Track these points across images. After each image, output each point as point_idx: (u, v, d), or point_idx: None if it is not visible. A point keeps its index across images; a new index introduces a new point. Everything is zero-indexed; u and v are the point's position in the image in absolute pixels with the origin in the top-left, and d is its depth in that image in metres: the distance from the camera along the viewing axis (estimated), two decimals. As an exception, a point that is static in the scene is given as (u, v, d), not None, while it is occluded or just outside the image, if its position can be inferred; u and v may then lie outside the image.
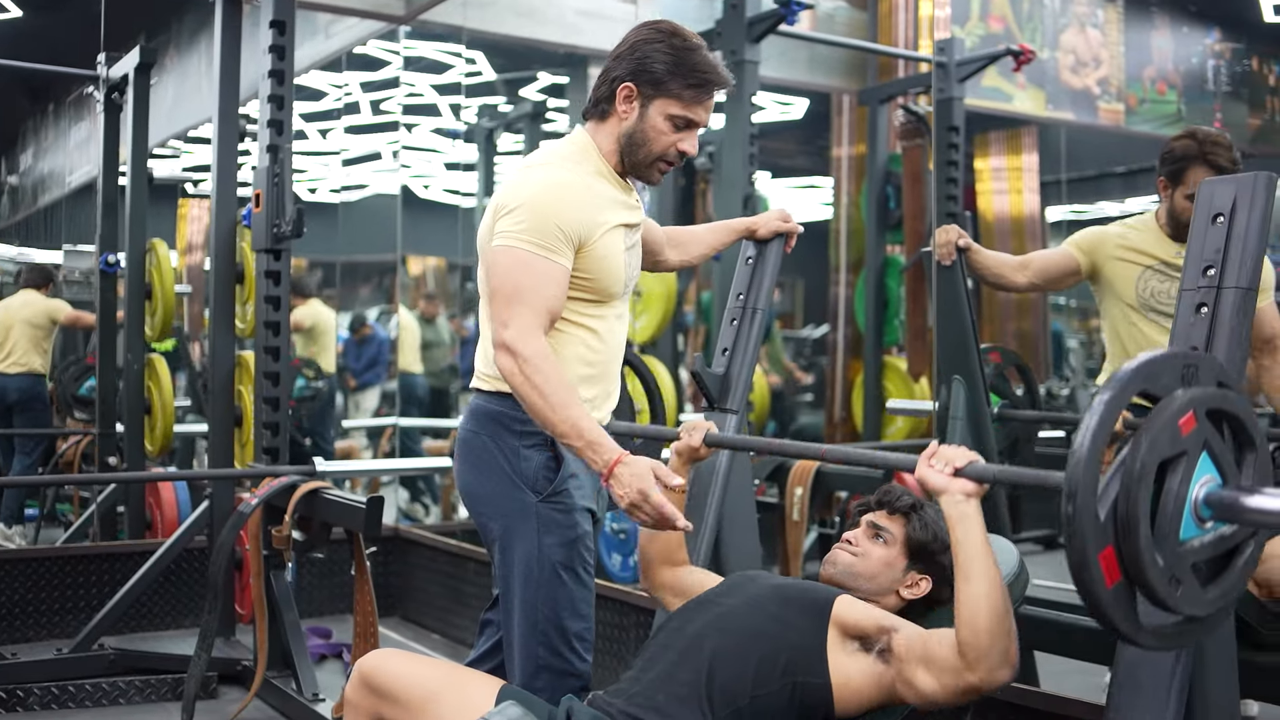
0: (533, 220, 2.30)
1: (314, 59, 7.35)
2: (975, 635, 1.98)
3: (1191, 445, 1.72)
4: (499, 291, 2.30)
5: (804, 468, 5.01)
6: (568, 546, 2.40)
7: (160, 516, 5.25)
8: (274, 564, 4.03)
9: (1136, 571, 1.67)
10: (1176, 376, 1.78)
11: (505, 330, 2.26)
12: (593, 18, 7.06)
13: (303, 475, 4.02)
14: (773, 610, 2.25)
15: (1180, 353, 1.82)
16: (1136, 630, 1.72)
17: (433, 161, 8.24)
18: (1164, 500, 1.69)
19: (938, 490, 2.03)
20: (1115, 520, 1.67)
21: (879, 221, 6.86)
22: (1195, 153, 3.28)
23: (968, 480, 2.01)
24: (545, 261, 2.30)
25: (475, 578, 4.98)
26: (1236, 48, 7.50)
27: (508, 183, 2.43)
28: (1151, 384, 1.75)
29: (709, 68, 2.40)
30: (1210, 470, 1.75)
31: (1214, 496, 1.73)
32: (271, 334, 4.22)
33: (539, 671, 2.39)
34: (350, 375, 8.37)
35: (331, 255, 8.13)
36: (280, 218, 4.13)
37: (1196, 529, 1.73)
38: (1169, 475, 1.70)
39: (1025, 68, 6.20)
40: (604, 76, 2.45)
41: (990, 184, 8.33)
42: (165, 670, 4.20)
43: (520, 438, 2.41)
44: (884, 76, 7.39)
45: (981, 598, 1.98)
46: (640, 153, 2.44)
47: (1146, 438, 1.67)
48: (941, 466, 2.03)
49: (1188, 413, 1.71)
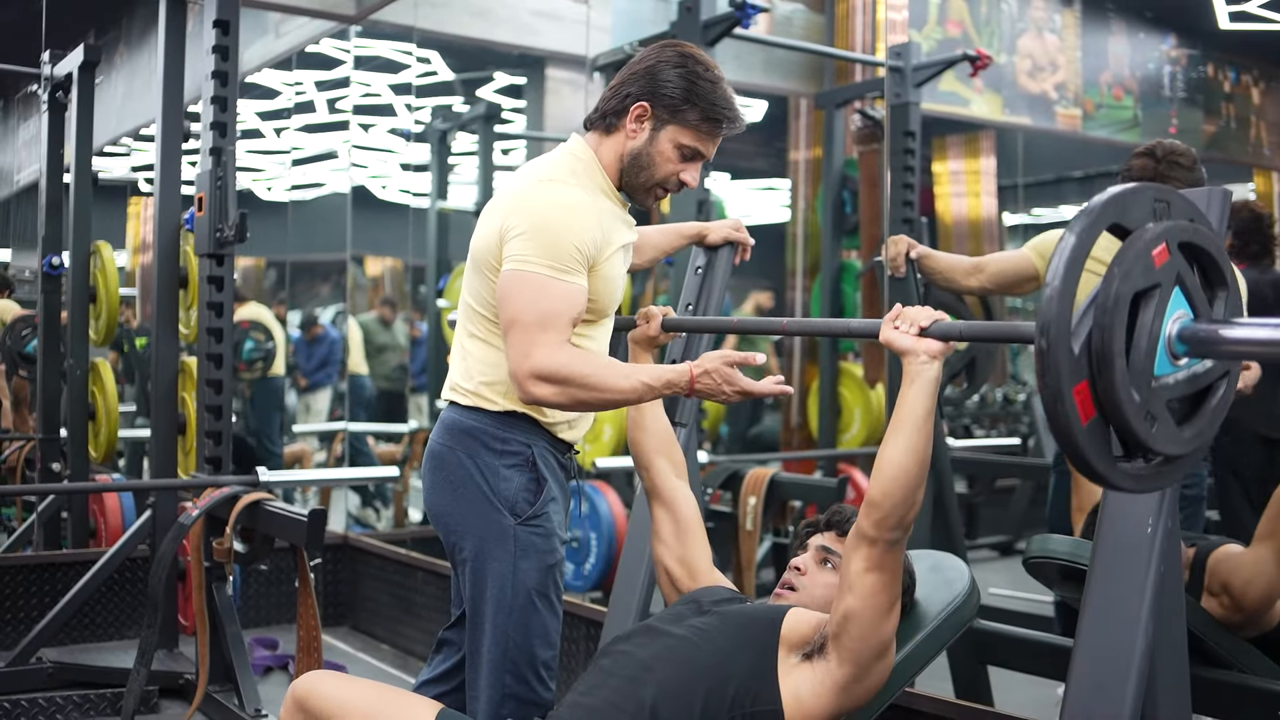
0: (546, 242, 2.24)
1: (265, 58, 7.26)
2: (883, 495, 1.99)
3: (1164, 277, 1.67)
4: (518, 320, 2.22)
5: (758, 476, 4.97)
6: (544, 572, 2.34)
7: (105, 524, 5.15)
8: (216, 576, 3.96)
9: (1112, 407, 1.63)
10: (1148, 210, 1.73)
11: (528, 360, 2.19)
12: (547, 18, 7.01)
13: (245, 486, 3.94)
14: (721, 641, 2.19)
15: (1152, 186, 1.76)
16: (1111, 468, 1.68)
17: (388, 161, 8.16)
18: (1138, 334, 1.65)
19: (904, 351, 2.02)
20: (1090, 355, 1.63)
21: (835, 226, 6.82)
22: (1151, 174, 3.23)
23: (933, 340, 1.99)
24: (563, 284, 2.24)
25: (425, 587, 4.92)
26: (1192, 54, 7.52)
27: (514, 198, 2.34)
28: (1122, 216, 1.70)
29: (728, 104, 2.35)
30: (1183, 305, 1.71)
31: (1188, 331, 1.69)
32: (214, 341, 4.14)
33: (505, 700, 2.34)
34: (301, 375, 8.28)
35: (282, 255, 8.04)
36: (223, 222, 4.06)
37: (1170, 366, 1.69)
38: (1142, 309, 1.66)
39: (983, 72, 6.19)
40: (615, 90, 2.39)
41: (948, 187, 8.33)
42: (105, 684, 4.11)
43: (500, 456, 2.35)
44: (841, 80, 7.36)
45: (899, 456, 1.98)
46: (642, 175, 2.38)
47: (1119, 268, 1.63)
48: (907, 327, 2.01)
49: (1160, 244, 1.67)
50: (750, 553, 4.85)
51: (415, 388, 7.80)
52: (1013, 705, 3.34)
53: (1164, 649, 2.10)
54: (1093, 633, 2.08)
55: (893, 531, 2.00)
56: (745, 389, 2.21)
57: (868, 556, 2.02)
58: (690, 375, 2.22)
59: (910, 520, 2.01)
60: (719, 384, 2.21)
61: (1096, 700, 2.06)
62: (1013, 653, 3.37)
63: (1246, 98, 7.59)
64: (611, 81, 2.42)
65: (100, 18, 7.78)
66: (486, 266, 2.35)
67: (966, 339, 2.06)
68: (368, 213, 7.81)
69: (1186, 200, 1.80)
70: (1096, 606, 2.10)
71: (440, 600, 4.85)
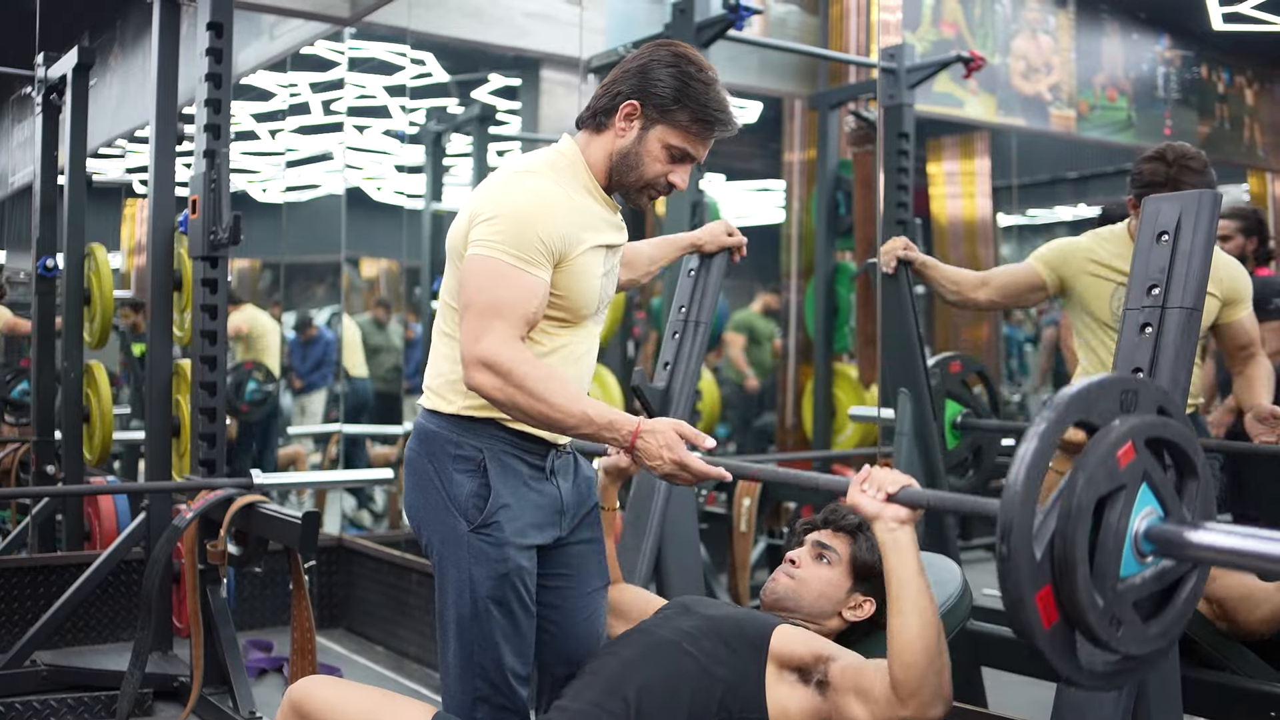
0: (512, 229, 2.18)
1: (259, 60, 7.26)
2: (906, 670, 1.94)
3: (1130, 477, 1.66)
4: (473, 304, 2.17)
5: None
6: (498, 581, 2.28)
7: (99, 527, 5.14)
8: (210, 578, 3.95)
9: (1075, 613, 1.61)
10: (1115, 404, 1.71)
11: (477, 344, 2.14)
12: (541, 20, 7.01)
13: (239, 488, 3.94)
14: (708, 645, 2.20)
15: (1119, 378, 1.76)
16: (1076, 671, 1.67)
17: (383, 163, 8.16)
18: (1103, 536, 1.63)
19: (870, 516, 1.98)
20: (1052, 560, 1.61)
21: (829, 228, 6.83)
22: (1163, 179, 3.16)
23: (900, 506, 1.96)
24: (523, 274, 2.18)
25: (420, 589, 4.92)
26: (1186, 55, 7.54)
27: (487, 187, 2.31)
28: (1089, 412, 1.68)
29: (720, 106, 2.30)
30: (1151, 501, 1.68)
31: (1156, 531, 1.66)
32: (208, 343, 4.14)
33: (477, 703, 2.31)
34: (296, 377, 8.27)
35: (277, 256, 8.04)
36: (217, 224, 4.05)
37: (1137, 564, 1.67)
38: (1108, 509, 1.64)
39: (977, 73, 6.20)
40: (607, 88, 2.35)
41: (943, 188, 8.34)
42: (100, 687, 4.09)
43: (453, 461, 2.30)
44: (835, 82, 7.37)
45: (913, 631, 1.93)
46: (631, 175, 2.33)
47: (1083, 474, 1.61)
48: (874, 492, 1.97)
49: (1126, 443, 1.65)
50: (744, 554, 4.86)
51: (410, 389, 7.79)
52: (1007, 706, 3.34)
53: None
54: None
55: (933, 707, 1.94)
56: (683, 461, 2.12)
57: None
58: (636, 429, 2.14)
59: (948, 689, 1.95)
60: (658, 448, 2.13)
61: (1088, 701, 2.06)
62: (1007, 653, 3.37)
63: (1240, 99, 7.60)
64: (604, 79, 2.39)
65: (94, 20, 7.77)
66: (457, 256, 2.30)
67: (933, 509, 2.02)
68: (363, 214, 7.80)
69: (1155, 388, 1.79)
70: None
71: (434, 602, 4.84)
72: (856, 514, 2.43)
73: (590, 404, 2.16)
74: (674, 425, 2.14)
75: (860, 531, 2.41)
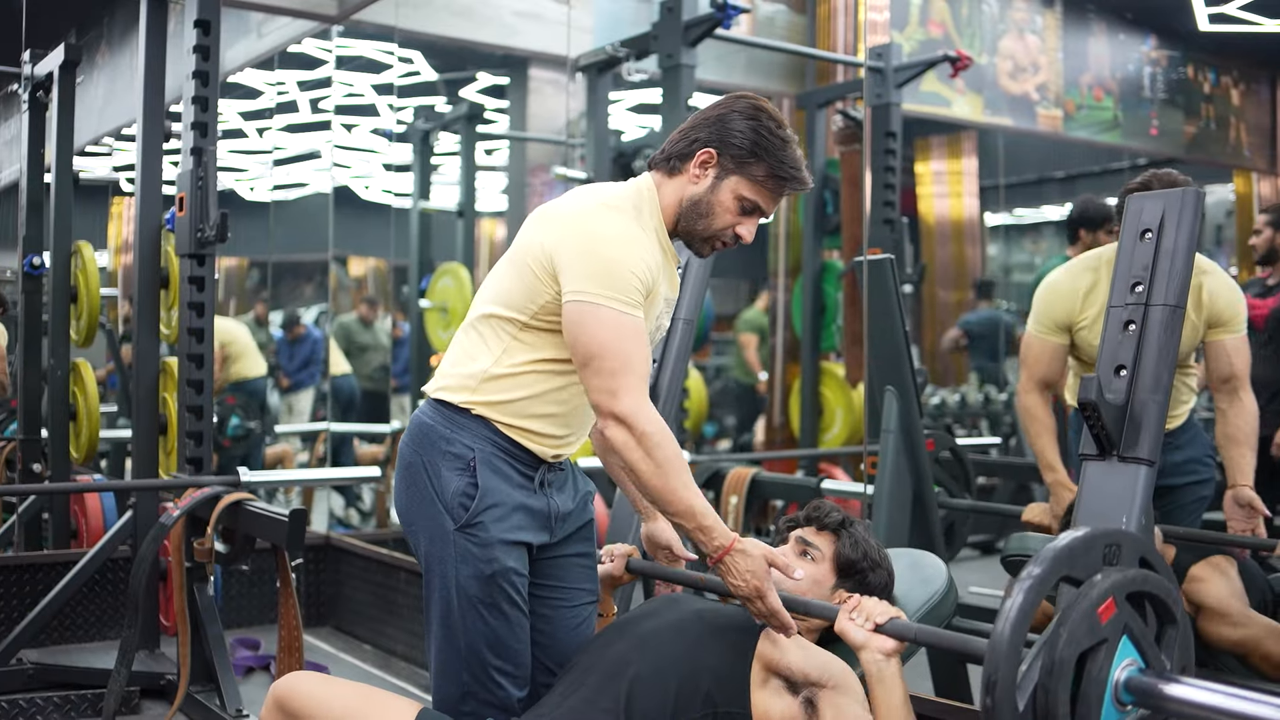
0: (611, 272, 2.17)
1: (247, 58, 7.25)
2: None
3: (1111, 632, 1.73)
4: (602, 358, 2.15)
5: (739, 476, 4.98)
6: (483, 582, 2.27)
7: (86, 525, 5.13)
8: (197, 576, 3.95)
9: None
10: (1098, 558, 1.79)
11: (617, 402, 2.13)
12: (529, 19, 7.01)
13: (226, 486, 3.94)
14: (696, 637, 2.21)
15: (1102, 532, 1.82)
16: None
17: (371, 161, 8.15)
18: (1085, 688, 1.71)
19: (857, 646, 2.02)
20: (1034, 712, 1.68)
21: (816, 226, 6.84)
22: None
23: (887, 638, 2.00)
24: (634, 320, 2.18)
25: (407, 588, 4.92)
26: (1172, 55, 7.56)
27: (574, 215, 2.28)
28: (1073, 568, 1.76)
29: (797, 165, 2.31)
30: (1131, 652, 1.76)
31: (1135, 683, 1.74)
32: (195, 341, 4.14)
33: (465, 697, 2.31)
34: (284, 375, 8.26)
35: (265, 255, 8.03)
36: (204, 222, 4.05)
37: (1117, 713, 1.74)
38: (1089, 662, 1.71)
39: (964, 73, 6.21)
40: (685, 134, 2.35)
41: (931, 188, 8.36)
42: (86, 685, 4.09)
43: (443, 458, 2.30)
44: (822, 81, 7.38)
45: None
46: (700, 224, 2.33)
47: (1065, 630, 1.68)
48: (862, 620, 2.01)
49: (1107, 599, 1.72)
50: (732, 552, 4.86)
51: (398, 388, 7.79)
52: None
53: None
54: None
55: None
56: (764, 593, 2.11)
57: None
58: (730, 545, 2.13)
59: None
60: (744, 571, 2.12)
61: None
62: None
63: (1226, 99, 7.62)
64: (681, 126, 2.39)
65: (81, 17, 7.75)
66: (526, 271, 2.27)
67: (920, 643, 2.06)
68: (350, 213, 7.80)
69: (1137, 540, 1.86)
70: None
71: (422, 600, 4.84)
72: (839, 512, 2.45)
73: (699, 500, 2.16)
74: (765, 553, 2.15)
75: (844, 529, 2.42)
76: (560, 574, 2.45)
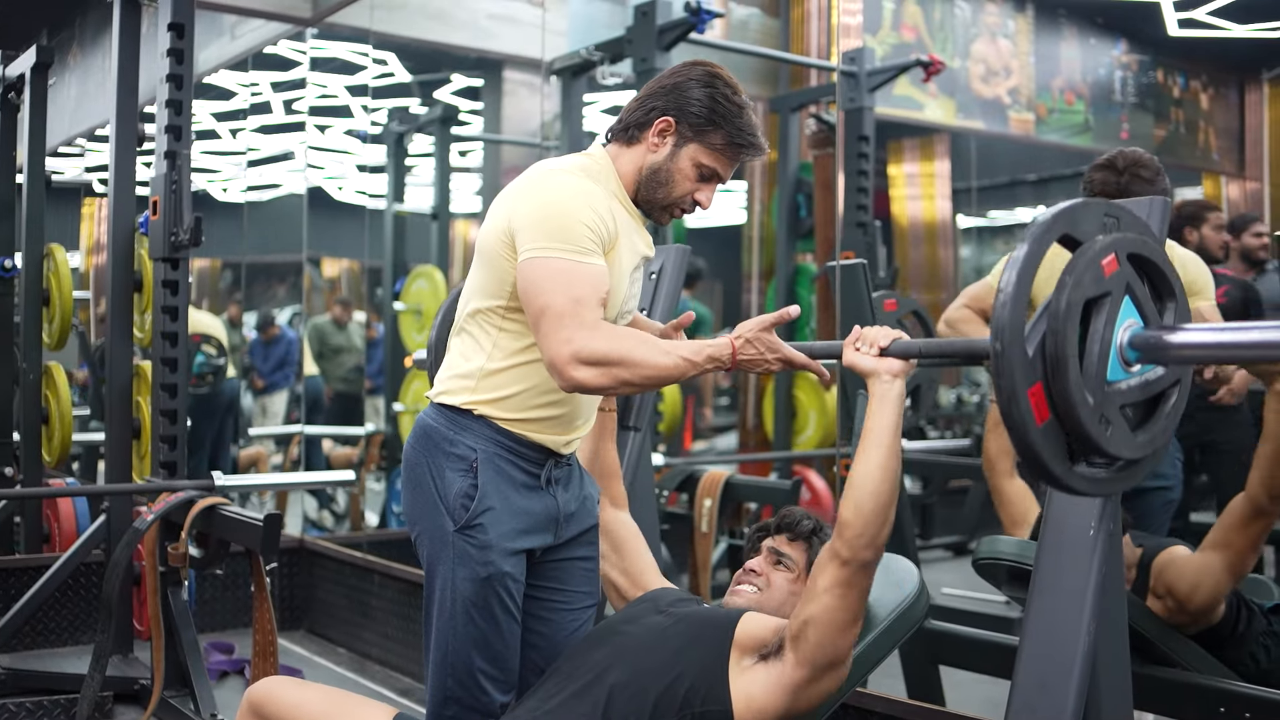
0: (558, 225, 2.17)
1: (221, 59, 7.23)
2: (855, 513, 2.02)
3: (1115, 286, 1.75)
4: (549, 308, 2.12)
5: (713, 478, 5.00)
6: (479, 584, 2.25)
7: (59, 529, 5.12)
8: (171, 581, 3.94)
9: (1066, 409, 1.68)
10: (1098, 224, 1.80)
11: (569, 346, 2.09)
12: (503, 22, 7.02)
13: (200, 490, 3.93)
14: (674, 641, 2.22)
15: (1103, 202, 1.85)
16: (1066, 471, 1.74)
17: (345, 163, 8.14)
18: (1090, 341, 1.72)
19: (866, 372, 2.07)
20: (1044, 358, 1.69)
21: (790, 230, 6.87)
22: (1115, 188, 3.18)
23: (894, 359, 2.04)
24: (584, 265, 2.16)
25: (382, 591, 4.92)
26: (1143, 59, 7.62)
27: (520, 188, 2.29)
28: (1073, 228, 1.77)
29: (754, 131, 2.32)
30: (1133, 314, 1.78)
31: (1139, 338, 1.76)
32: (169, 345, 4.13)
33: (447, 701, 2.31)
34: (258, 376, 8.23)
35: (238, 256, 8.01)
36: (178, 226, 4.04)
37: (1123, 372, 1.76)
38: (1094, 317, 1.73)
39: (936, 77, 6.25)
40: (641, 103, 2.35)
41: (904, 190, 8.39)
42: (59, 690, 4.08)
43: (447, 458, 2.29)
44: (796, 84, 7.41)
45: (873, 479, 2.02)
46: (660, 191, 2.33)
47: (1071, 277, 1.69)
48: (867, 349, 2.06)
49: (1110, 254, 1.74)
50: (706, 554, 4.88)
51: (372, 390, 7.78)
52: (964, 704, 3.39)
53: (1106, 649, 2.15)
54: (1036, 633, 2.12)
55: (865, 550, 2.02)
56: (788, 357, 2.17)
57: (838, 575, 2.04)
58: (732, 347, 2.15)
59: (883, 539, 2.04)
60: (762, 353, 2.16)
61: (1040, 699, 2.10)
62: (964, 652, 3.42)
63: (1195, 103, 7.69)
64: (636, 94, 2.39)
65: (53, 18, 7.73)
66: (492, 256, 2.27)
67: (925, 356, 2.08)
68: (324, 214, 7.79)
69: (1135, 216, 1.88)
70: (1040, 607, 2.14)
71: (396, 604, 4.85)
72: (810, 519, 2.47)
73: (683, 347, 2.16)
74: (759, 324, 2.17)
75: (815, 536, 2.44)
76: (561, 577, 2.44)
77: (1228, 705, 2.88)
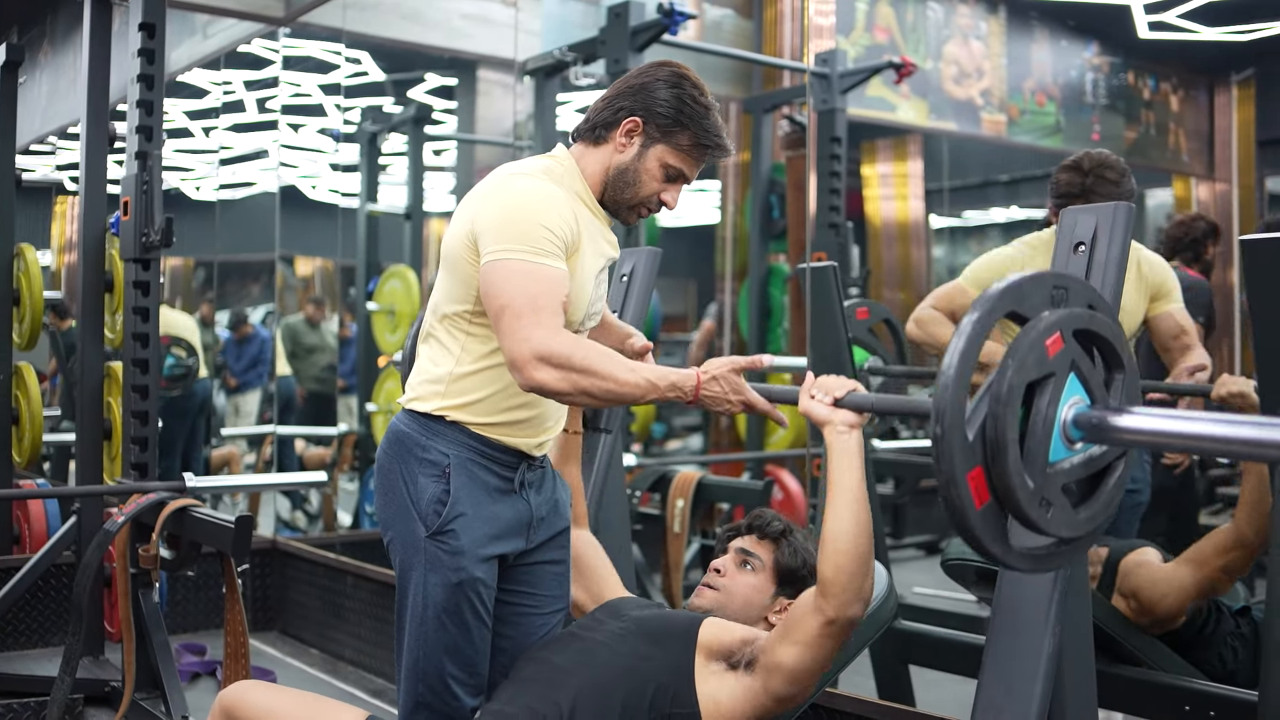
0: (519, 229, 2.17)
1: (193, 58, 7.20)
2: (836, 570, 2.02)
3: (1059, 366, 1.73)
4: (508, 307, 2.13)
5: (685, 479, 5.01)
6: (450, 590, 2.26)
7: (29, 530, 5.09)
8: (141, 583, 3.93)
9: (1006, 493, 1.68)
10: (1046, 298, 1.79)
11: (528, 344, 2.10)
12: (477, 22, 7.01)
13: (172, 492, 3.92)
14: (638, 645, 2.24)
15: (1051, 274, 1.83)
16: (1006, 551, 1.73)
17: (318, 161, 8.11)
18: (1033, 422, 1.71)
19: (821, 421, 2.06)
20: (984, 442, 1.68)
21: (762, 231, 6.89)
22: (1079, 190, 3.22)
23: (849, 411, 2.04)
24: (544, 267, 2.16)
25: (355, 592, 4.92)
26: (1114, 61, 7.67)
27: (483, 192, 2.30)
28: (1020, 304, 1.75)
29: (719, 132, 2.34)
30: (1079, 391, 1.76)
31: (1083, 417, 1.74)
32: (140, 346, 4.11)
33: (419, 707, 2.31)
34: (230, 376, 8.20)
35: (211, 254, 7.97)
36: (149, 227, 4.02)
37: (1066, 450, 1.74)
38: (1037, 396, 1.71)
39: (909, 78, 6.29)
40: (608, 103, 2.36)
41: (877, 190, 8.42)
42: (29, 693, 4.06)
43: (419, 464, 2.29)
44: (769, 85, 7.43)
45: (848, 535, 2.02)
46: (627, 191, 2.35)
47: (1013, 359, 1.68)
48: (822, 397, 2.06)
49: (1055, 333, 1.72)
50: (678, 555, 4.90)
51: (345, 389, 7.76)
52: (935, 704, 3.41)
53: (1071, 650, 2.17)
54: (1002, 634, 2.14)
55: (853, 606, 2.04)
56: (750, 400, 2.16)
57: (823, 631, 2.06)
58: (697, 380, 2.15)
59: (869, 590, 2.04)
60: (725, 393, 2.16)
61: (1006, 700, 2.12)
62: (934, 652, 3.45)
63: (1165, 105, 7.75)
64: (603, 94, 2.40)
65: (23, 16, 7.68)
66: (457, 260, 2.28)
67: (877, 412, 2.09)
68: (297, 213, 7.75)
69: (1085, 286, 1.86)
70: (1005, 609, 2.15)
71: (369, 605, 4.85)
72: (780, 521, 2.49)
73: (647, 370, 2.16)
74: (729, 365, 2.17)
75: (784, 537, 2.46)
76: (532, 581, 2.44)
77: (1193, 704, 2.91)
